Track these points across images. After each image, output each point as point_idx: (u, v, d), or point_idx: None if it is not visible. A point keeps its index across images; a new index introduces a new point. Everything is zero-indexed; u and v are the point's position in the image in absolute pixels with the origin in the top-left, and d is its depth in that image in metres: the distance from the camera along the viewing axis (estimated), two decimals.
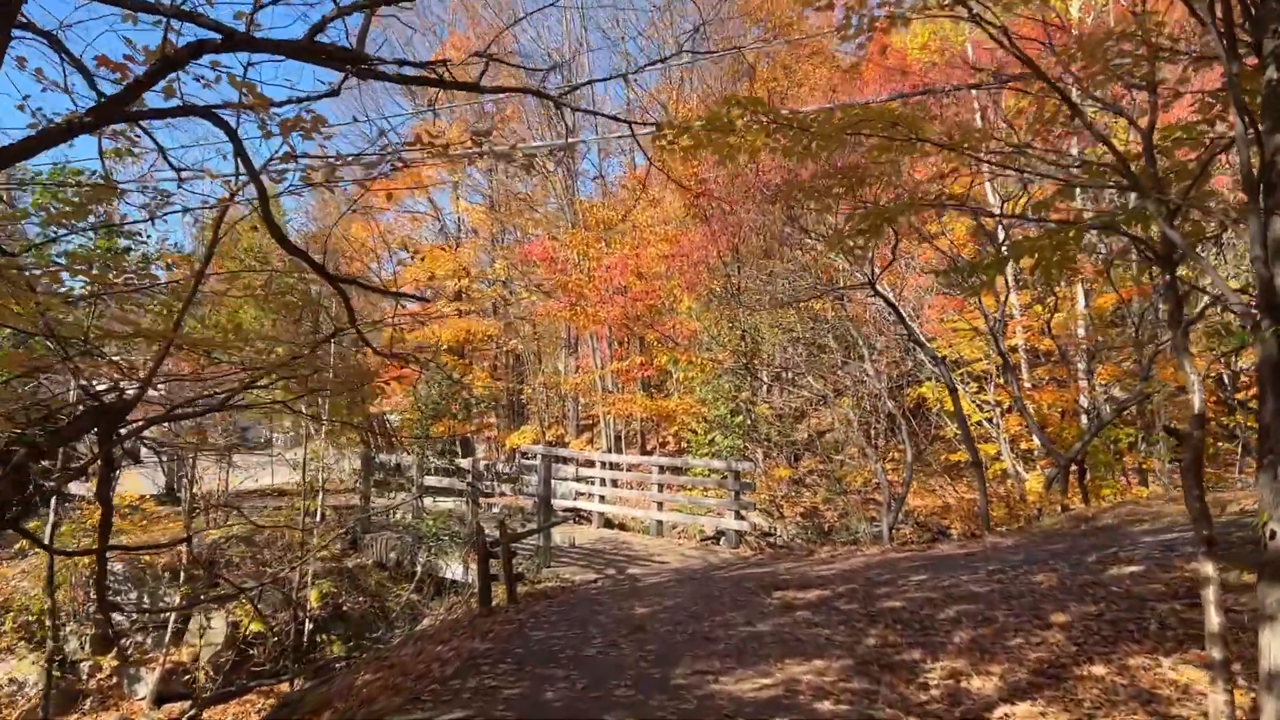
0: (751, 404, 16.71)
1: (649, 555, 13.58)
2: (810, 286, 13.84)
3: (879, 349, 14.90)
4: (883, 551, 12.21)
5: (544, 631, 6.99)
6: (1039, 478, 15.39)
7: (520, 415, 30.31)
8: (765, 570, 10.79)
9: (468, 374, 27.07)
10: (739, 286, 15.57)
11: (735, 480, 13.96)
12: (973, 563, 9.38)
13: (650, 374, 21.41)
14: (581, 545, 14.39)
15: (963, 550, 11.11)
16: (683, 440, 21.11)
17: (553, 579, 11.23)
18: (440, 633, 7.56)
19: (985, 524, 13.01)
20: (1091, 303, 14.46)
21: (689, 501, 15.40)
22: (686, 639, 6.69)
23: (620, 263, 16.15)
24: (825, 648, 6.49)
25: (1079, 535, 11.01)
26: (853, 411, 15.04)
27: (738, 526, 14.00)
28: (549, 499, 12.04)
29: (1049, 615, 6.80)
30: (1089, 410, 14.00)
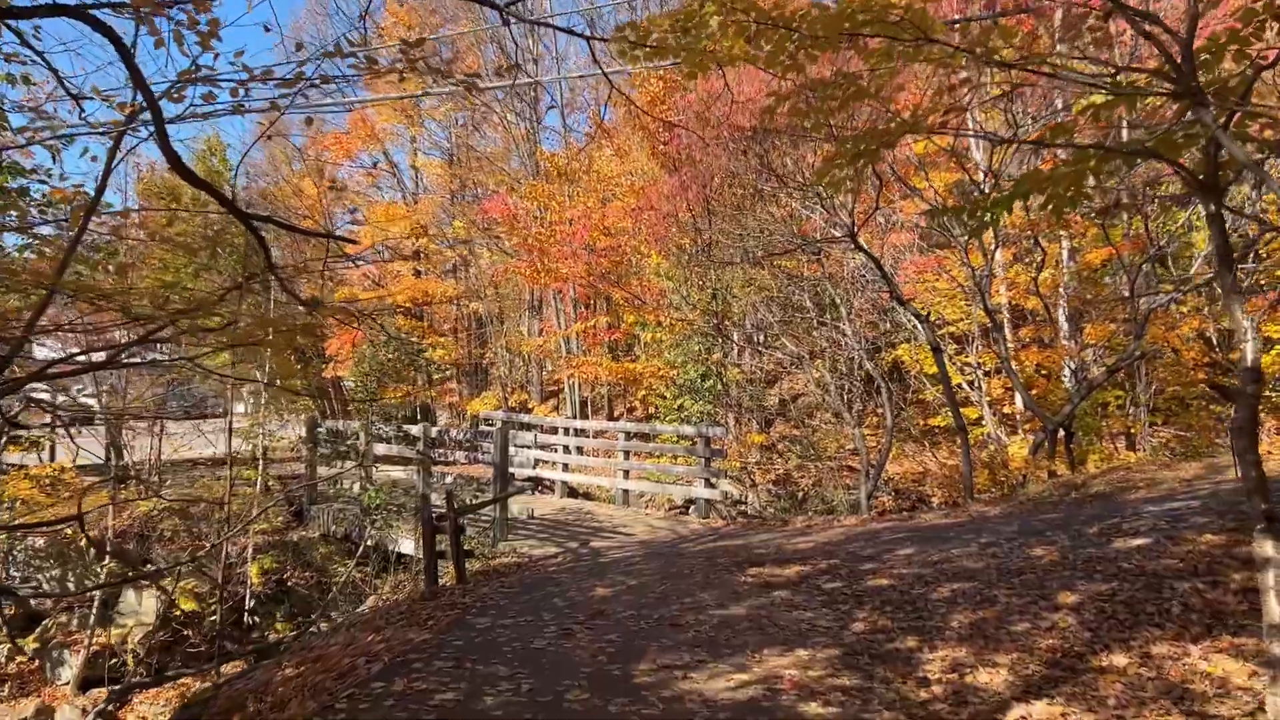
0: (723, 367, 15.98)
1: (614, 527, 12.86)
2: (786, 240, 13.05)
3: (856, 308, 14.19)
4: (862, 521, 11.58)
5: (491, 618, 6.22)
6: (1022, 443, 14.84)
7: (484, 381, 29.42)
8: (738, 543, 10.11)
9: (427, 337, 26.12)
10: (710, 242, 14.75)
11: (705, 447, 13.25)
12: (962, 534, 8.74)
13: (618, 337, 20.60)
14: (543, 516, 13.64)
15: (948, 520, 10.49)
16: (651, 406, 20.39)
17: (509, 554, 10.47)
18: (375, 619, 6.78)
19: (968, 492, 12.42)
20: (1078, 259, 13.82)
21: (657, 470, 14.69)
22: (652, 625, 5.95)
23: (583, 216, 15.24)
24: (808, 635, 5.79)
25: (1071, 504, 10.43)
26: (829, 374, 14.35)
27: (708, 495, 13.31)
28: (505, 468, 11.24)
29: (1055, 595, 6.14)
30: (1076, 372, 13.41)
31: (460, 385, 29.79)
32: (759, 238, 13.69)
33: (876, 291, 15.75)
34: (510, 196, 16.88)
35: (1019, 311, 16.37)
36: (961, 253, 12.03)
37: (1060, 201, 5.55)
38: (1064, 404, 13.35)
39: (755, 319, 15.74)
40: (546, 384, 26.61)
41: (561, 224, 15.45)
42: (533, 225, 16.02)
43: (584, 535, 12.08)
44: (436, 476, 12.57)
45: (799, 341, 15.67)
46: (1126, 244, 13.24)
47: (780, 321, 15.53)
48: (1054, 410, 13.34)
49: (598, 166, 16.57)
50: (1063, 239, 14.53)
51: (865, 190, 11.65)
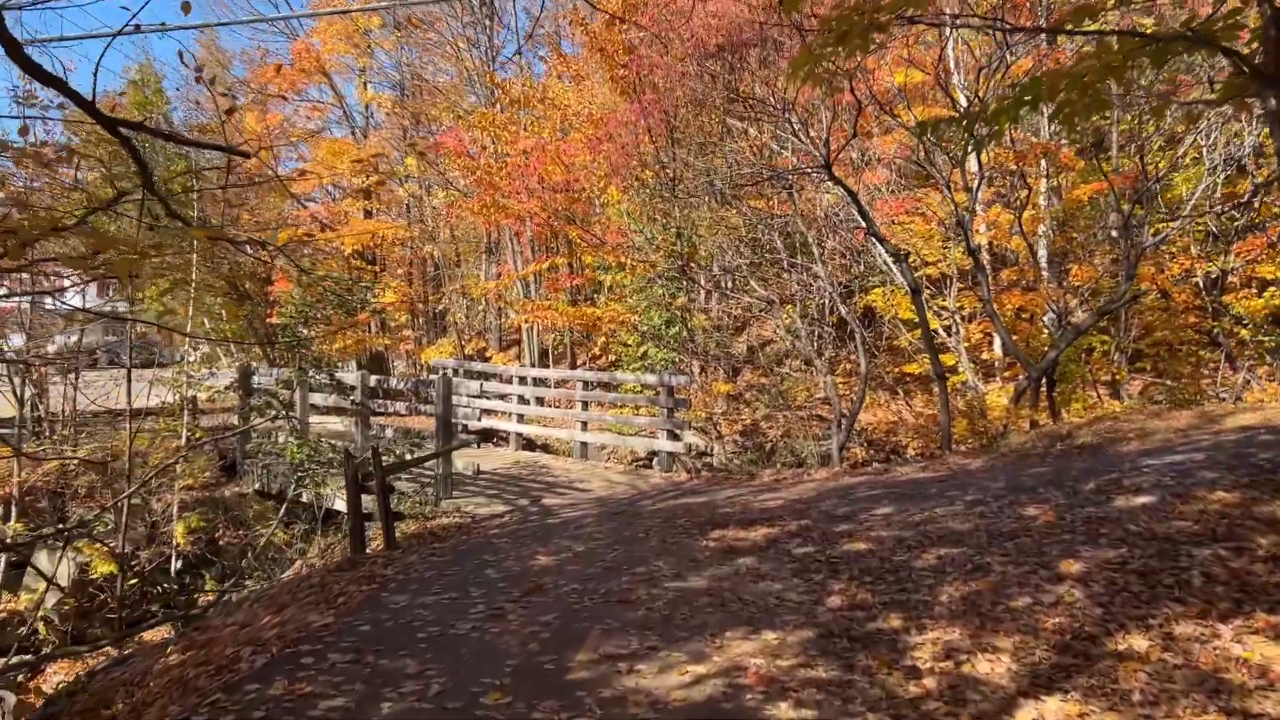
0: (688, 313, 15.14)
1: (570, 482, 12.09)
2: (756, 171, 12.13)
3: (829, 249, 13.36)
4: (834, 475, 10.90)
5: (411, 594, 5.40)
6: (1000, 391, 14.22)
7: (442, 328, 28.39)
8: (701, 500, 9.37)
9: (378, 282, 24.98)
10: (674, 177, 13.79)
11: (668, 396, 12.47)
12: (944, 490, 8.04)
13: (580, 283, 19.65)
14: (494, 471, 12.83)
15: (927, 474, 9.82)
16: (616, 355, 19.56)
17: (452, 513, 9.66)
18: (282, 594, 5.95)
19: (946, 443, 11.78)
20: (1064, 196, 13.04)
21: (617, 421, 13.91)
22: (597, 602, 5.17)
23: (538, 147, 14.18)
24: (777, 612, 5.04)
25: (1059, 456, 9.80)
26: (799, 320, 13.55)
27: (671, 448, 12.56)
28: (449, 420, 10.38)
29: (1057, 563, 5.44)
30: (1060, 316, 12.74)
31: (416, 332, 28.74)
32: (727, 173, 12.76)
33: (850, 231, 14.93)
34: (465, 131, 15.67)
35: (998, 254, 15.66)
36: (944, 187, 11.20)
37: (1074, 109, 4.74)
38: (1047, 350, 12.69)
39: (723, 262, 14.87)
40: (507, 332, 25.68)
41: (516, 156, 14.37)
42: (481, 156, 14.90)
43: (536, 491, 11.30)
44: (376, 429, 11.68)
45: (768, 285, 14.85)
46: (1116, 179, 12.49)
47: (749, 264, 14.68)
48: (1036, 356, 12.69)
49: (554, 95, 15.43)
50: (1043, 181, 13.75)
51: (839, 123, 10.77)
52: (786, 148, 13.52)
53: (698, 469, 13.64)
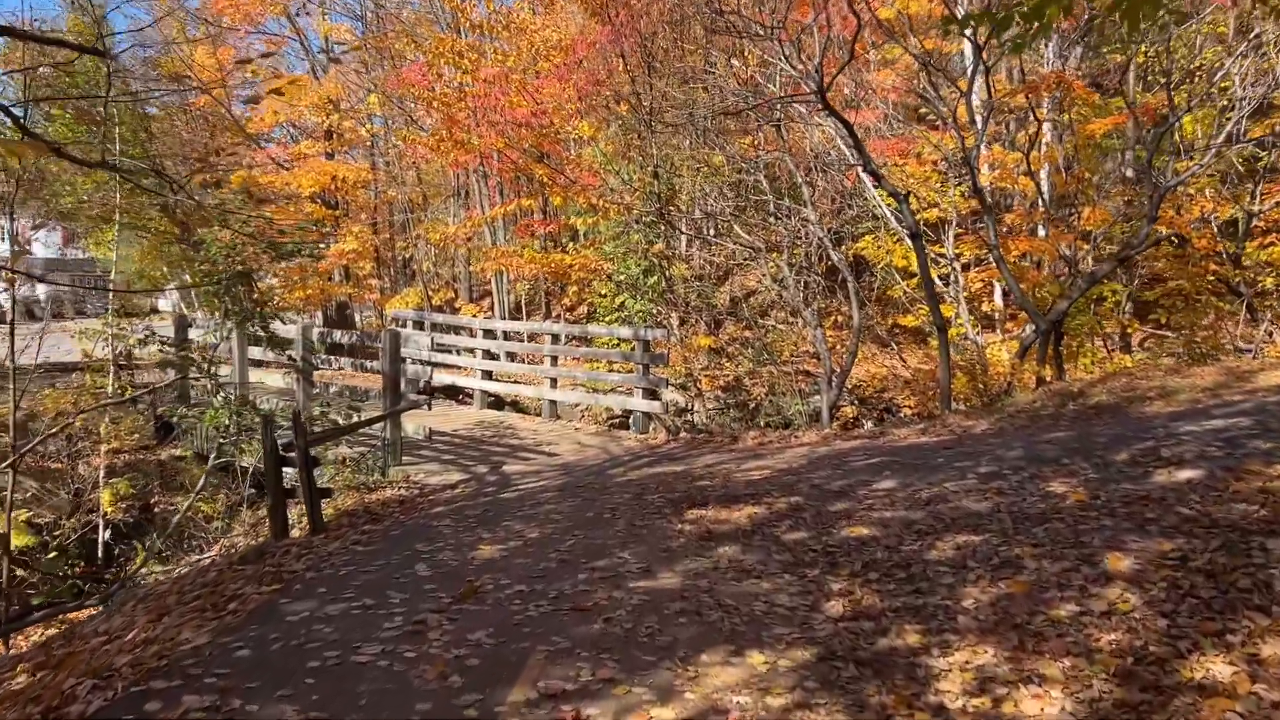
0: (667, 260, 14.11)
1: (536, 444, 11.18)
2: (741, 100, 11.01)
3: (819, 191, 12.34)
4: (824, 438, 10.03)
5: (317, 600, 4.46)
6: (1001, 344, 13.35)
7: (411, 278, 27.19)
8: (678, 468, 8.46)
9: (340, 227, 23.72)
10: (652, 110, 12.67)
11: (644, 352, 11.51)
12: (953, 460, 7.16)
13: (553, 229, 18.52)
14: (455, 432, 11.90)
15: (929, 438, 8.95)
16: (591, 306, 18.53)
17: (400, 483, 8.73)
18: (169, 594, 5.01)
19: (945, 401, 10.92)
20: (1076, 130, 12.01)
21: (589, 378, 12.95)
22: (545, 611, 4.25)
23: (502, 76, 12.97)
24: (765, 622, 4.15)
25: (1075, 419, 8.94)
26: (786, 267, 12.55)
27: (646, 407, 11.64)
28: (397, 378, 9.39)
29: (1101, 557, 4.56)
30: (1070, 262, 11.82)
31: (382, 282, 27.54)
32: (710, 105, 11.64)
33: (841, 172, 13.89)
34: (427, 61, 14.30)
35: (999, 198, 14.68)
36: (949, 120, 10.16)
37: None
38: (1055, 300, 11.79)
39: (704, 206, 13.81)
40: (478, 282, 24.57)
41: (478, 86, 13.13)
42: (438, 85, 13.63)
43: (498, 456, 10.37)
44: (320, 387, 10.68)
45: (753, 231, 13.82)
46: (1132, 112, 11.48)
47: (733, 208, 13.63)
48: (1042, 307, 11.78)
49: (520, 21, 14.15)
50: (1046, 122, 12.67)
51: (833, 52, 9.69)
52: (774, 82, 12.41)
53: (676, 429, 12.74)
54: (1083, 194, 12.06)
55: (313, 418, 9.25)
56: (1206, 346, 12.26)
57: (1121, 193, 12.02)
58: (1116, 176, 12.18)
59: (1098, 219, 11.82)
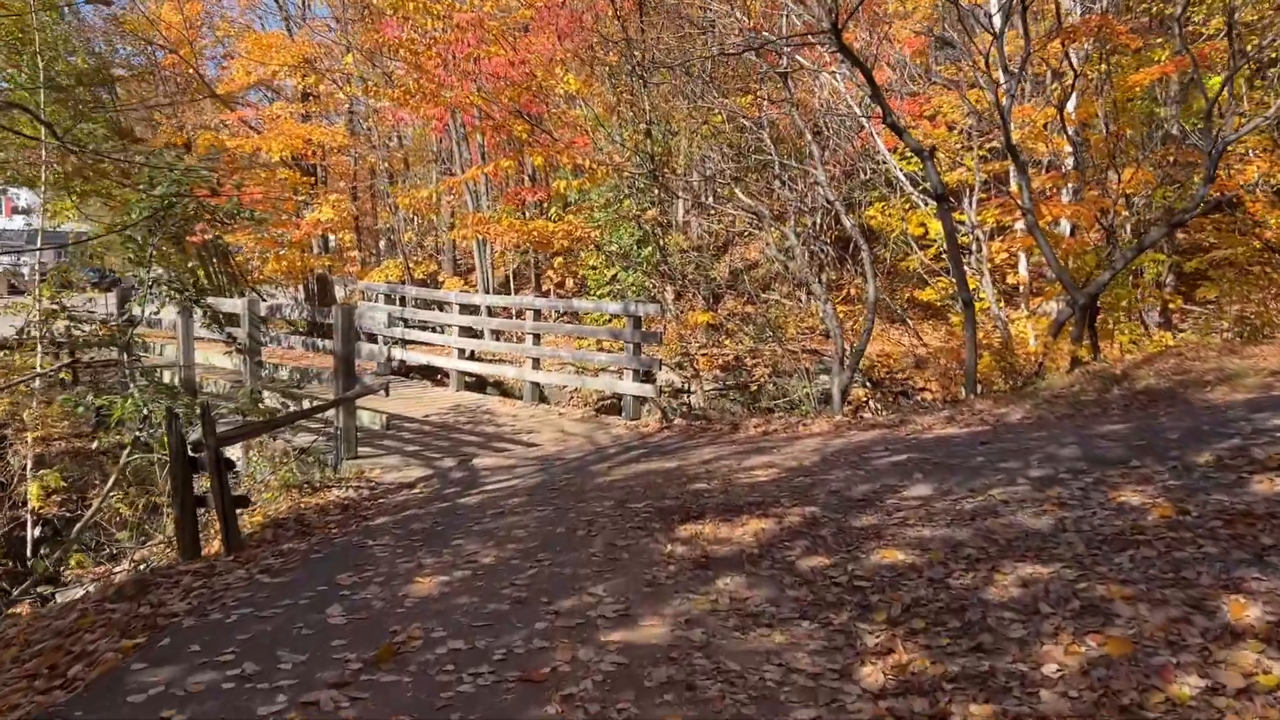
0: (662, 228, 13.00)
1: (515, 432, 10.15)
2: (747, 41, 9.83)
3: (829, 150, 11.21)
4: (837, 428, 8.98)
5: (184, 664, 3.41)
6: (1025, 320, 12.30)
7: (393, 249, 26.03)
8: (671, 465, 7.42)
9: (317, 195, 22.54)
10: (644, 59, 11.49)
11: (635, 329, 10.46)
12: (993, 457, 6.13)
13: (543, 198, 17.37)
14: (426, 418, 10.88)
15: (959, 429, 7.91)
16: (582, 279, 17.44)
17: (350, 481, 7.68)
18: (15, 642, 3.97)
19: (971, 384, 9.89)
20: (1115, 84, 10.85)
21: (575, 357, 11.89)
22: (484, 684, 3.22)
23: (476, 22, 11.76)
24: (781, 700, 3.12)
25: (1125, 406, 7.89)
26: (794, 236, 11.44)
27: (638, 391, 10.59)
28: (351, 360, 8.32)
29: (1216, 602, 3.54)
30: (1107, 230, 10.73)
31: (362, 253, 26.40)
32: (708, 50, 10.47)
33: (854, 130, 12.76)
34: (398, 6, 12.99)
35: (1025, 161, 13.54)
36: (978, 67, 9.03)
37: None
38: (1093, 271, 10.72)
39: (703, 169, 12.68)
40: (464, 254, 23.41)
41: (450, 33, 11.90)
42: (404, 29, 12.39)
43: (470, 447, 9.34)
44: (269, 369, 9.62)
45: (756, 197, 12.70)
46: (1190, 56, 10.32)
47: (734, 171, 12.51)
48: (1078, 280, 10.70)
49: None
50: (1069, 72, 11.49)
51: None
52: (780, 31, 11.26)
53: (670, 414, 11.70)
54: (1123, 153, 10.94)
55: (244, 407, 8.21)
56: (1260, 322, 11.20)
57: (1166, 153, 10.91)
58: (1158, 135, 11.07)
59: (1139, 181, 10.71)
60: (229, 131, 22.03)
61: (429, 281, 23.07)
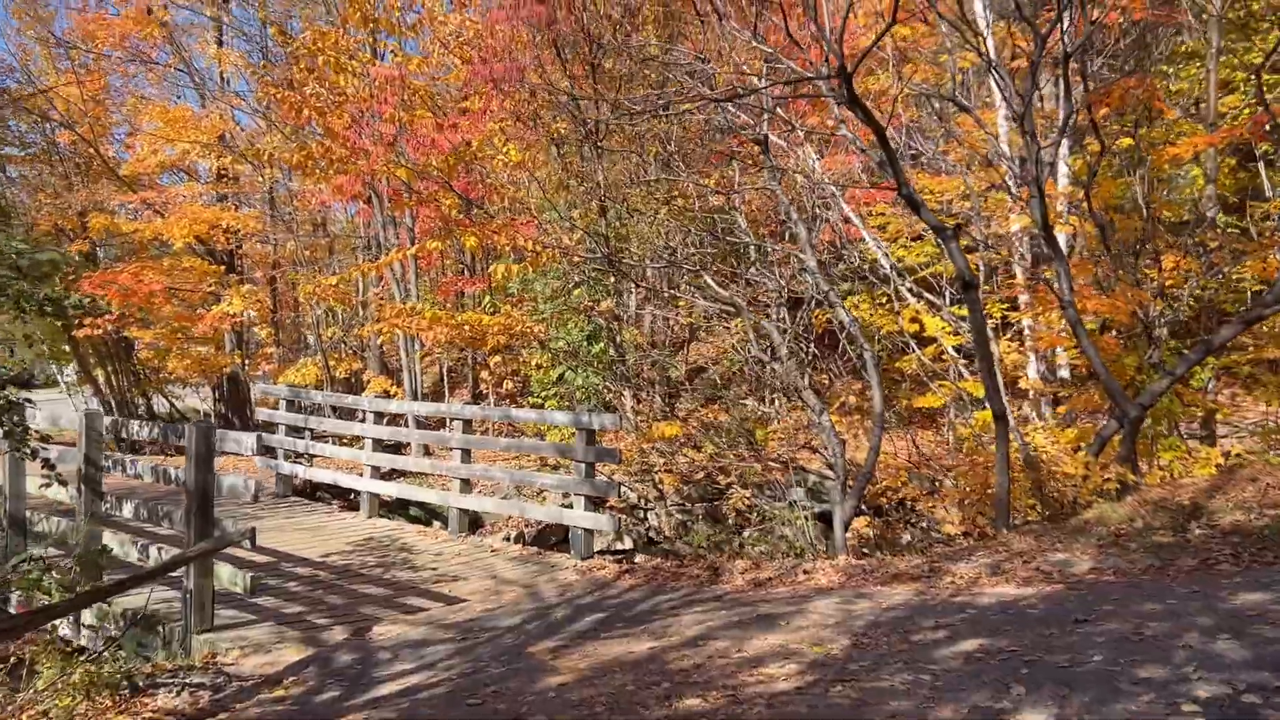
0: (617, 321, 11.26)
1: (436, 579, 8.16)
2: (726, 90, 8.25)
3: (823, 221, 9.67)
4: (849, 578, 7.15)
5: None
6: (1049, 434, 10.68)
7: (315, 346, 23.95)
8: (642, 651, 5.48)
9: (230, 287, 20.49)
10: (596, 128, 9.91)
11: (588, 445, 8.62)
12: (1113, 652, 4.34)
13: (483, 288, 15.61)
14: (325, 559, 8.86)
15: (1019, 587, 6.11)
16: (524, 380, 15.58)
17: (198, 668, 5.60)
18: None
19: (1005, 516, 8.15)
20: (1152, 156, 9.51)
21: (512, 479, 9.93)
22: None
23: (398, 78, 10.07)
24: None
25: (1233, 555, 6.17)
26: (779, 329, 9.77)
27: (591, 523, 8.69)
28: (208, 494, 6.29)
29: None
30: (1147, 325, 9.26)
31: (281, 350, 24.30)
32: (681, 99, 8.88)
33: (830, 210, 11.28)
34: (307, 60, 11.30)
35: (1034, 248, 12.17)
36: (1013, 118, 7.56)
37: None
38: (1135, 376, 9.20)
39: (667, 254, 11.03)
40: (391, 351, 21.42)
41: (360, 91, 10.21)
42: (308, 82, 10.64)
43: (372, 605, 7.30)
44: (110, 500, 7.51)
45: (728, 286, 11.06)
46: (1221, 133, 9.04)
47: (702, 256, 10.90)
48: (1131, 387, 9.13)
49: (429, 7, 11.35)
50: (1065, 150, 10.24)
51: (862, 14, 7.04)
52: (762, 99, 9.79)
53: (630, 553, 9.77)
54: (1159, 237, 9.55)
55: (81, 559, 6.16)
56: None
57: (1204, 237, 9.54)
58: (1210, 212, 9.75)
59: (1181, 270, 9.29)
60: (127, 214, 20.10)
61: (352, 382, 21.04)
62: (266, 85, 11.44)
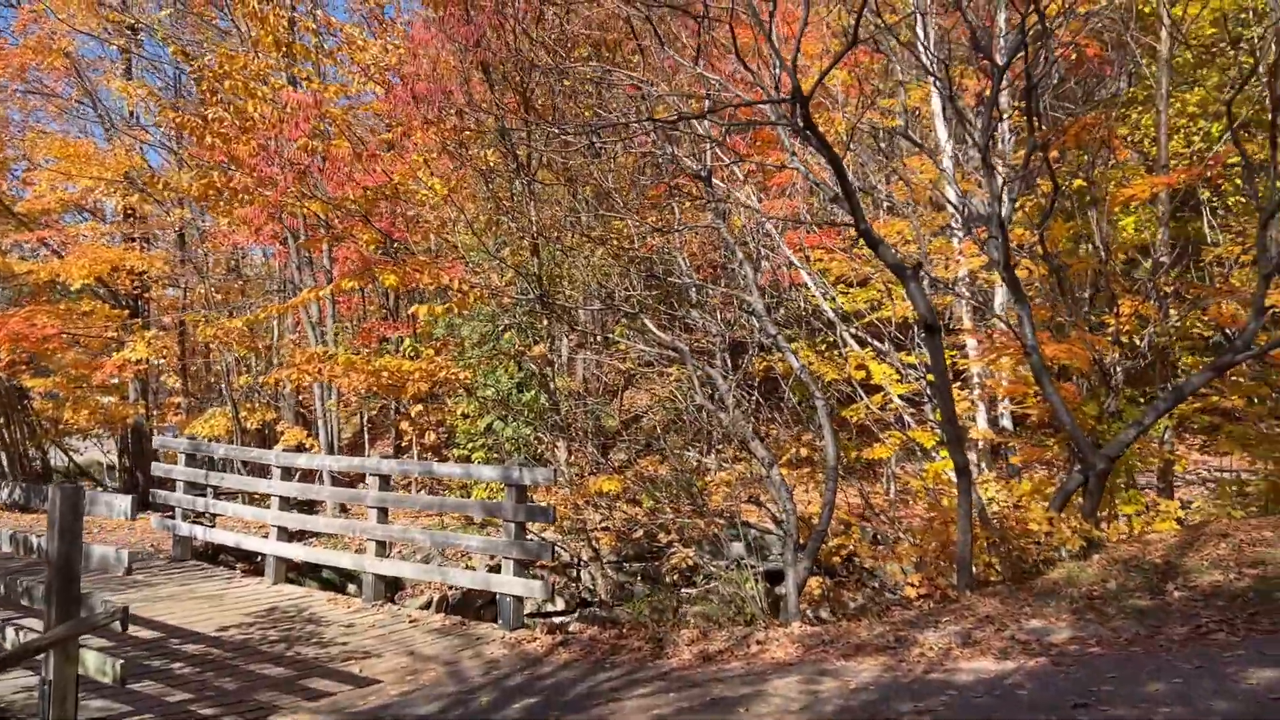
0: (551, 367, 10.59)
1: (346, 656, 7.31)
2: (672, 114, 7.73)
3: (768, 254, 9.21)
4: (808, 650, 6.54)
5: None
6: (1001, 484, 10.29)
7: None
8: None
9: (134, 332, 19.25)
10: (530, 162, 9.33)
11: (518, 503, 7.89)
12: None
13: (407, 333, 14.83)
14: (221, 633, 7.96)
15: (1004, 660, 5.56)
16: (449, 431, 14.76)
17: None
18: None
19: (967, 577, 7.65)
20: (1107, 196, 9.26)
21: (433, 541, 9.13)
22: None
23: (312, 103, 9.38)
24: None
25: (1224, 620, 5.71)
26: (724, 377, 9.21)
27: (521, 590, 7.95)
28: (71, 567, 5.41)
29: None
30: (1105, 373, 8.94)
31: (189, 400, 22.98)
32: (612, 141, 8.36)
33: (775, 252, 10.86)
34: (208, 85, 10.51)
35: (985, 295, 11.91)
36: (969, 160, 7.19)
37: None
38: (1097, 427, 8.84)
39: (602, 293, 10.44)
40: (309, 401, 20.36)
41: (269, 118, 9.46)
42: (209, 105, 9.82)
43: (271, 690, 6.44)
44: None
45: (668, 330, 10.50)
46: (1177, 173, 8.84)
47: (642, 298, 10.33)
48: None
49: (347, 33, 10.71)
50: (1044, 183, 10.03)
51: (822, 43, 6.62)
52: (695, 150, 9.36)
53: (565, 618, 9.02)
54: (1116, 281, 9.27)
55: None
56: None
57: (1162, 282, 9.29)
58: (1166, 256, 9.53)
59: (1135, 316, 9.01)
60: (22, 254, 18.83)
61: (266, 434, 19.90)
62: (167, 111, 10.60)
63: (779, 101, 6.10)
